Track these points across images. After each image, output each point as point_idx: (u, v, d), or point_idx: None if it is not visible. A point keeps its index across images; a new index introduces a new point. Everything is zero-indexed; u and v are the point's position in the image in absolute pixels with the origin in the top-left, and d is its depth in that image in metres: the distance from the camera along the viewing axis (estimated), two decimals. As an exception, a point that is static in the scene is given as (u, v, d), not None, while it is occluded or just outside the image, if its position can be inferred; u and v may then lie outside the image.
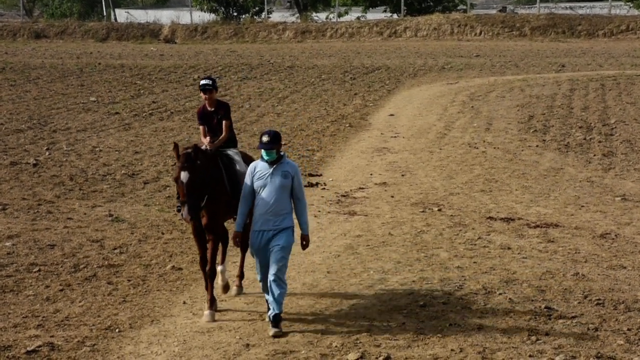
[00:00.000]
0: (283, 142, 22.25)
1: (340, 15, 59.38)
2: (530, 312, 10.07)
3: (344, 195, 16.80)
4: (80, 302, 10.91)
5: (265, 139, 9.49)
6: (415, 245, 13.05)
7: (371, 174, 18.65)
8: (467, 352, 8.94)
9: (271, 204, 9.47)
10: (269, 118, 25.92)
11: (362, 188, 17.40)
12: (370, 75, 35.14)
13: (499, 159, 19.82)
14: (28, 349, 9.35)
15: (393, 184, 17.69)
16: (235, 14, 60.32)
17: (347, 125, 24.78)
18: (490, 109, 26.37)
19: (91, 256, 12.80)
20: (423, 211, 15.26)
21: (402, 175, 18.44)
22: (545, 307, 10.19)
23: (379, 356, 8.85)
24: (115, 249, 13.25)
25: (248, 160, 11.07)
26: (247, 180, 9.65)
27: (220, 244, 10.69)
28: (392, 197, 16.55)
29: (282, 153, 9.66)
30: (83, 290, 11.37)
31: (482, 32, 52.22)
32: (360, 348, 9.09)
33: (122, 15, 64.21)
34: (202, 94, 11.20)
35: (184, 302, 10.95)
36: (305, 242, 9.73)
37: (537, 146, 21.31)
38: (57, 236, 13.83)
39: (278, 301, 9.51)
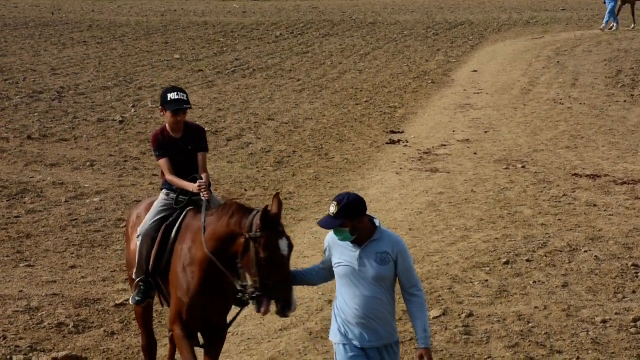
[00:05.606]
0: (365, 100, 22.27)
1: (423, -31, 58.62)
2: (616, 269, 9.90)
3: (426, 153, 16.70)
4: (166, 256, 11.10)
5: (332, 209, 5.97)
6: (498, 203, 12.92)
7: (454, 131, 18.48)
8: (552, 309, 8.85)
9: (363, 307, 5.97)
10: (350, 75, 25.84)
11: (445, 145, 17.26)
12: (453, 31, 34.68)
13: (585, 115, 19.41)
14: (117, 302, 9.60)
15: (476, 140, 17.50)
16: (317, -31, 60.13)
17: (430, 81, 24.56)
18: (576, 64, 25.80)
19: (176, 212, 13.00)
20: (507, 168, 15.08)
21: (485, 132, 18.23)
22: (632, 265, 10.02)
23: (462, 313, 8.83)
24: (199, 204, 13.41)
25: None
26: (326, 254, 6.22)
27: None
28: (475, 154, 16.38)
29: (376, 223, 6.08)
30: (169, 245, 11.56)
31: (569, -15, 50.94)
32: (442, 305, 9.08)
33: (205, -28, 64.55)
34: (166, 114, 7.26)
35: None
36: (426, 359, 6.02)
37: (625, 101, 20.80)
38: (143, 192, 14.09)
39: None
